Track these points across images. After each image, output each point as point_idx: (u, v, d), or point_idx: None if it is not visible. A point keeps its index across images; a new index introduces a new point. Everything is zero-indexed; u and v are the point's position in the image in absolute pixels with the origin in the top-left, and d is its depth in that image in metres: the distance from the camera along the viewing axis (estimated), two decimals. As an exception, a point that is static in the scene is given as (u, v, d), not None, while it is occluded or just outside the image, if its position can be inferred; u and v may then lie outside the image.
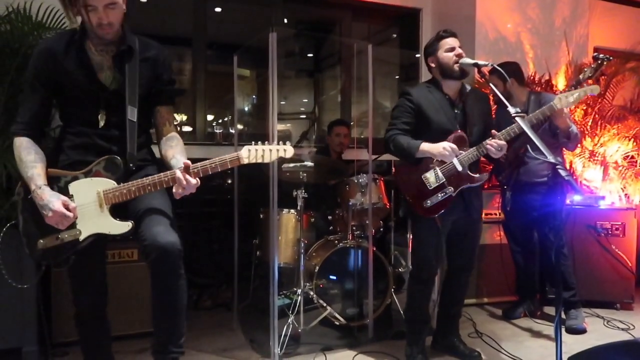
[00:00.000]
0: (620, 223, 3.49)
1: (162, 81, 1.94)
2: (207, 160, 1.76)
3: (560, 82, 4.23)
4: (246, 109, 4.96)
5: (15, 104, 2.73)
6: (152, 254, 1.73)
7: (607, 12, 4.89)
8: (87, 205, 1.78)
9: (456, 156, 2.37)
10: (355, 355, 2.70)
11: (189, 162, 1.75)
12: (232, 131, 3.99)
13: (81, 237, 1.77)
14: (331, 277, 3.12)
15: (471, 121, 2.51)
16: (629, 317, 3.30)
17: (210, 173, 1.76)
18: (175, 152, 1.88)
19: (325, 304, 2.95)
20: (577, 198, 3.54)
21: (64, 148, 1.87)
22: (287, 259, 3.13)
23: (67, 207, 1.73)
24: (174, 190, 1.75)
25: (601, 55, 2.61)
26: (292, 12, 4.49)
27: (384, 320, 3.13)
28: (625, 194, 3.92)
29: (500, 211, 3.53)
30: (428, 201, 2.42)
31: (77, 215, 1.76)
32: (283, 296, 3.11)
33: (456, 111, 2.51)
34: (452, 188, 2.42)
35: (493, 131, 2.41)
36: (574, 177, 3.80)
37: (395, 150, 2.47)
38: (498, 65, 2.89)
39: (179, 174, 1.72)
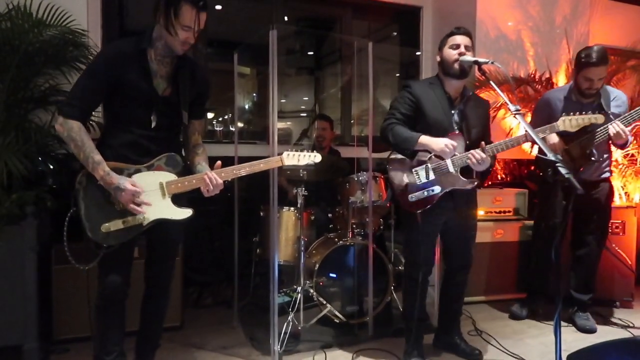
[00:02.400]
0: (620, 221, 3.49)
1: (202, 98, 2.17)
2: (254, 161, 2.07)
3: (560, 80, 4.22)
4: (246, 106, 4.96)
5: (17, 101, 2.73)
6: (155, 289, 2.19)
7: (608, 10, 4.88)
8: (150, 194, 1.96)
9: (452, 156, 2.38)
10: (355, 353, 2.71)
11: (219, 162, 2.06)
12: (233, 129, 3.99)
13: (145, 222, 1.95)
14: (331, 274, 3.12)
15: (471, 123, 2.49)
16: (628, 315, 3.31)
17: (254, 172, 2.11)
18: (201, 159, 2.14)
19: (325, 302, 2.95)
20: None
21: (110, 144, 1.99)
22: (287, 257, 3.14)
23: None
24: (206, 190, 2.00)
25: None
26: (292, 9, 4.48)
27: (383, 317, 3.13)
28: (626, 192, 3.92)
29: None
30: (412, 196, 2.43)
31: (144, 199, 1.93)
32: (283, 294, 3.12)
33: (453, 111, 2.49)
34: (439, 187, 2.42)
35: (482, 143, 2.36)
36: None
37: (393, 138, 2.44)
38: (583, 49, 2.90)
39: (213, 178, 2.00)
